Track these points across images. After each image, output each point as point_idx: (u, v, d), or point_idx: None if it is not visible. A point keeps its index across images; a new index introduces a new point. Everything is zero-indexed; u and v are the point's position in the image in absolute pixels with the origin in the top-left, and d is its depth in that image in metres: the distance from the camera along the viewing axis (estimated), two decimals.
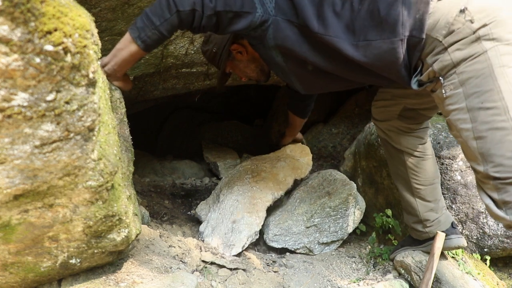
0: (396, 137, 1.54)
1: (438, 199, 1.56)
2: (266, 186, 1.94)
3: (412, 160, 1.53)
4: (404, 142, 1.52)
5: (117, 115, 1.27)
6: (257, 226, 1.76)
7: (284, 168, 2.09)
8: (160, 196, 2.24)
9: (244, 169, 2.08)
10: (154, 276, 1.16)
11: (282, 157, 2.19)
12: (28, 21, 0.62)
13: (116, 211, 0.98)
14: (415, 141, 1.52)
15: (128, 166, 1.28)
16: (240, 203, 1.84)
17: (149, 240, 1.42)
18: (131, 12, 1.54)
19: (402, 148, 1.53)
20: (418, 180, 1.54)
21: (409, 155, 1.53)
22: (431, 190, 1.55)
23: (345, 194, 1.94)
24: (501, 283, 1.69)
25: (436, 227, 1.55)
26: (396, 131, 1.54)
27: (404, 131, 1.52)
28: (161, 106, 3.33)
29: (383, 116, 1.56)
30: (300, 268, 1.77)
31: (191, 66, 1.98)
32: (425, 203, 1.55)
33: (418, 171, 1.53)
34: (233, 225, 1.73)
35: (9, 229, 0.85)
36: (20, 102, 0.67)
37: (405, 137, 1.52)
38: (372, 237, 1.97)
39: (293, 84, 1.44)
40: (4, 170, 0.73)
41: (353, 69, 1.23)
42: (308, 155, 2.23)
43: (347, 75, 1.29)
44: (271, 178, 2.00)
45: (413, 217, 1.60)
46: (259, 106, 3.95)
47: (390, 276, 1.68)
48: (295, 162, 2.15)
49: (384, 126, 1.58)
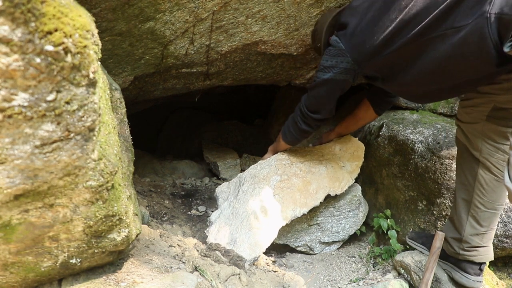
0: (479, 143, 1.36)
1: (492, 228, 1.42)
2: (291, 198, 1.73)
3: (486, 176, 1.37)
4: (486, 151, 1.35)
5: (117, 115, 1.27)
6: (259, 250, 1.59)
7: (321, 177, 1.83)
8: (160, 196, 2.24)
9: (276, 164, 1.86)
10: (154, 276, 1.16)
11: (326, 158, 1.93)
12: (28, 21, 0.62)
13: (116, 211, 0.98)
14: (499, 155, 1.33)
15: (128, 166, 1.28)
16: (252, 214, 1.66)
17: (149, 240, 1.42)
18: (131, 12, 1.54)
19: (481, 158, 1.36)
20: (482, 199, 1.38)
21: (484, 169, 1.36)
22: (490, 215, 1.40)
23: (350, 195, 1.95)
24: (501, 282, 1.69)
25: (471, 255, 1.43)
26: (480, 136, 1.36)
27: (491, 137, 1.34)
28: (161, 106, 3.33)
29: (469, 117, 1.39)
30: (300, 267, 1.78)
31: (191, 66, 1.99)
32: (476, 225, 1.41)
33: (487, 189, 1.37)
34: (236, 237, 1.62)
35: (9, 229, 0.85)
36: (21, 102, 0.67)
37: (489, 145, 1.34)
38: (371, 237, 1.98)
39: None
40: (4, 170, 0.73)
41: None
42: (359, 159, 1.95)
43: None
44: (300, 187, 1.76)
45: (455, 232, 1.47)
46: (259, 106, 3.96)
47: (389, 276, 1.69)
48: (338, 170, 1.87)
49: (467, 129, 1.41)
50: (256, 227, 1.63)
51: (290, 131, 1.82)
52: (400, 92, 1.56)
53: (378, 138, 2.05)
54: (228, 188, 1.89)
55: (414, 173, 1.84)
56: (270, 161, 1.90)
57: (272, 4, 1.71)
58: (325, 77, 1.56)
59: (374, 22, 1.36)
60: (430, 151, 1.78)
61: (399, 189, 1.93)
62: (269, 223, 1.66)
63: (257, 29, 1.83)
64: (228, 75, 2.20)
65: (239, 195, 1.78)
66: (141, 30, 1.64)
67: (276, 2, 1.71)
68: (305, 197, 1.74)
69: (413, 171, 1.84)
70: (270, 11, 1.75)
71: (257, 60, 2.10)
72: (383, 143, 2.02)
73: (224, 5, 1.65)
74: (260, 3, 1.69)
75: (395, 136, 1.95)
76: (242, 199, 1.75)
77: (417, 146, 1.83)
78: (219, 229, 1.67)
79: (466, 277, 1.45)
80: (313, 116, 1.68)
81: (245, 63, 2.10)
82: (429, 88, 1.36)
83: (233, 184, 1.89)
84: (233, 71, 2.16)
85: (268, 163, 1.90)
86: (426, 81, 1.32)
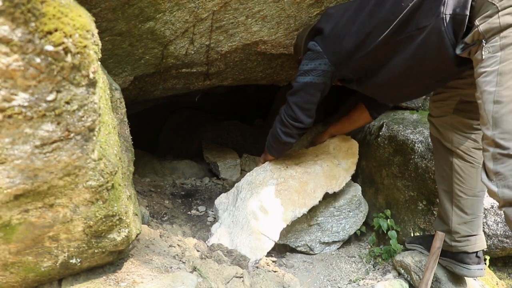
0: (449, 134, 1.45)
1: (477, 215, 1.44)
2: (289, 199, 1.73)
3: (461, 164, 1.43)
4: (456, 141, 1.43)
5: (117, 115, 1.27)
6: (260, 253, 1.59)
7: (317, 176, 1.83)
8: (160, 196, 2.24)
9: (271, 169, 1.88)
10: (154, 276, 1.16)
11: (320, 158, 1.92)
12: (28, 22, 0.62)
13: (116, 211, 0.98)
14: (468, 143, 1.42)
15: (128, 166, 1.28)
16: (252, 218, 1.66)
17: (149, 240, 1.42)
18: (131, 12, 1.54)
19: (453, 148, 1.44)
20: (461, 187, 1.44)
21: (458, 157, 1.43)
22: (472, 202, 1.43)
23: (350, 195, 1.94)
24: (501, 282, 1.69)
25: (464, 245, 1.45)
26: (450, 128, 1.45)
27: (459, 128, 1.43)
28: (161, 106, 3.34)
29: (439, 111, 1.49)
30: (300, 267, 1.78)
31: (191, 66, 1.99)
32: (461, 214, 1.45)
33: (464, 177, 1.43)
34: (236, 242, 1.62)
35: (9, 229, 0.85)
36: (21, 102, 0.67)
37: (459, 136, 1.43)
38: (371, 237, 1.98)
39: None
40: (4, 170, 0.73)
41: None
42: (354, 156, 1.95)
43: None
44: (297, 188, 1.77)
45: (444, 225, 1.50)
46: (259, 106, 3.96)
47: (389, 276, 1.69)
48: (333, 168, 1.87)
49: (438, 123, 1.50)
50: (256, 231, 1.64)
51: (273, 146, 1.84)
52: (374, 93, 1.61)
53: (378, 138, 2.05)
54: (227, 199, 1.90)
55: (414, 173, 1.83)
56: (266, 166, 1.92)
57: (272, 4, 1.71)
58: (304, 80, 1.60)
59: (347, 27, 1.46)
60: (430, 151, 1.78)
61: (399, 189, 1.93)
62: (270, 226, 1.67)
63: (257, 29, 1.83)
64: (228, 75, 2.20)
65: (238, 203, 1.79)
66: (141, 30, 1.64)
67: (276, 2, 1.71)
68: (303, 197, 1.74)
69: (413, 171, 1.84)
70: (270, 11, 1.75)
71: (257, 60, 2.10)
72: (383, 143, 2.02)
73: (224, 5, 1.65)
74: (260, 3, 1.69)
75: (395, 136, 1.95)
76: (241, 206, 1.76)
77: (417, 146, 1.83)
78: (220, 238, 1.68)
79: (466, 267, 1.45)
80: (296, 124, 1.68)
81: (245, 63, 2.10)
82: (401, 88, 1.45)
83: (231, 194, 1.90)
84: (233, 71, 2.16)
85: (263, 168, 1.92)
86: (398, 81, 1.40)
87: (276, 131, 1.76)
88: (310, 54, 1.60)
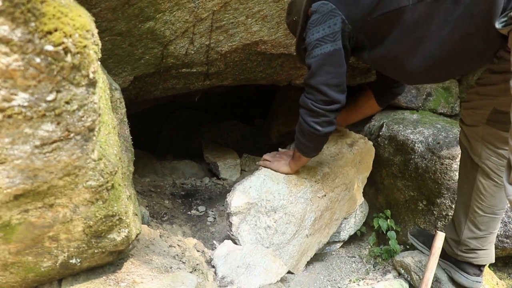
0: (478, 147, 1.31)
1: (492, 232, 1.37)
2: (320, 234, 1.65)
3: (484, 182, 1.31)
4: (485, 155, 1.30)
5: (117, 115, 1.27)
6: (275, 278, 1.41)
7: (343, 202, 1.69)
8: (160, 196, 2.24)
9: (311, 198, 1.61)
10: (154, 276, 1.16)
11: (350, 180, 1.72)
12: (28, 21, 0.62)
13: (116, 211, 0.98)
14: (498, 160, 1.28)
15: (128, 166, 1.28)
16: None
17: (149, 240, 1.42)
18: (131, 12, 1.54)
19: (480, 162, 1.32)
20: (480, 204, 1.34)
21: (483, 174, 1.32)
22: (488, 220, 1.35)
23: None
24: (501, 283, 1.69)
25: (470, 257, 1.41)
26: (480, 140, 1.31)
27: (490, 142, 1.29)
28: (161, 106, 3.33)
29: (471, 120, 1.35)
30: None
31: (191, 66, 1.98)
32: (474, 229, 1.37)
33: (485, 195, 1.32)
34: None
35: (9, 229, 0.85)
36: (20, 102, 0.67)
37: (488, 150, 1.29)
38: (371, 237, 1.98)
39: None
40: (4, 170, 0.73)
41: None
42: (368, 170, 1.81)
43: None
44: (327, 222, 1.66)
45: (454, 234, 1.45)
46: (259, 106, 3.96)
47: (389, 276, 1.69)
48: (356, 191, 1.73)
49: (468, 132, 1.37)
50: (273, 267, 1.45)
51: (310, 146, 1.50)
52: (388, 66, 1.38)
53: (378, 138, 2.05)
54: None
55: (414, 173, 1.83)
56: (306, 192, 1.62)
57: (272, 4, 1.71)
58: (322, 51, 1.32)
59: None
60: (430, 151, 1.78)
61: (399, 189, 1.93)
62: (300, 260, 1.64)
63: (257, 29, 1.82)
64: (228, 75, 2.20)
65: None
66: (141, 30, 1.64)
67: (276, 2, 1.71)
68: (328, 228, 1.69)
69: (413, 171, 1.84)
70: (270, 11, 1.75)
71: (257, 60, 2.10)
72: (383, 143, 2.02)
73: (224, 5, 1.65)
74: (260, 3, 1.69)
75: (395, 136, 1.95)
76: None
77: (417, 146, 1.83)
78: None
79: (465, 277, 1.44)
80: (332, 107, 1.36)
81: (245, 63, 2.10)
82: (423, 60, 1.21)
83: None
84: (233, 71, 2.16)
85: (304, 195, 1.61)
86: (419, 49, 1.19)
87: (308, 129, 1.41)
88: (318, 17, 1.32)
